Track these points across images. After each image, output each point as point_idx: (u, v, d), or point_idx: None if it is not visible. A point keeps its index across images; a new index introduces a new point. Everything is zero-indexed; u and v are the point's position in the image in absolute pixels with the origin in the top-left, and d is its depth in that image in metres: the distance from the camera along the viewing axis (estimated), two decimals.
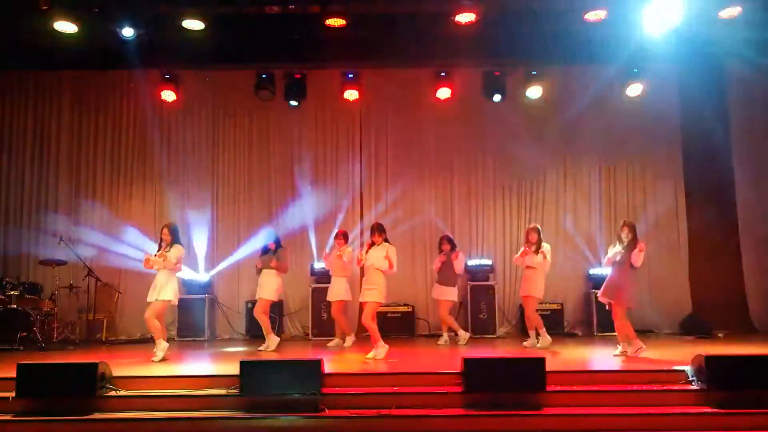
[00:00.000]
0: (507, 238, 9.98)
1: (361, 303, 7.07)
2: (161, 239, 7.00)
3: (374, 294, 6.80)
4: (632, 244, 6.80)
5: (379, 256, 6.87)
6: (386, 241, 7.04)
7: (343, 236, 8.30)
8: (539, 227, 7.93)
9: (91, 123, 9.99)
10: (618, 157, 10.05)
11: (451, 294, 8.36)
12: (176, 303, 7.16)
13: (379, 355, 6.70)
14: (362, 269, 7.37)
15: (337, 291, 8.17)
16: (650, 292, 9.45)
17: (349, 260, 8.10)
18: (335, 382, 5.35)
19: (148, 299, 6.79)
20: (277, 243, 8.00)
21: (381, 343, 6.79)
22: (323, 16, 7.96)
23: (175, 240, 6.94)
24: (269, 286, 7.81)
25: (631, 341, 6.76)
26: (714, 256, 9.75)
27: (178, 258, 6.85)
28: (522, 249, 7.86)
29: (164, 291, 6.74)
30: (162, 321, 6.93)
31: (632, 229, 6.91)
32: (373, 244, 6.99)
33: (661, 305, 9.57)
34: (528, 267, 7.80)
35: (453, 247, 8.52)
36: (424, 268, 9.77)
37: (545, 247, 7.75)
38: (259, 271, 7.96)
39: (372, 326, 6.80)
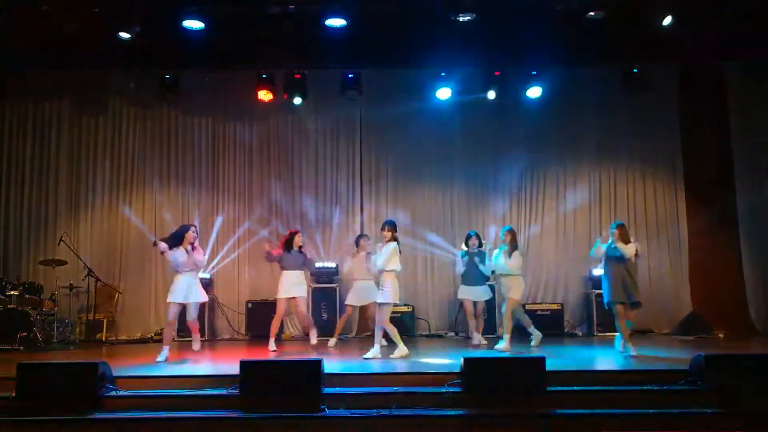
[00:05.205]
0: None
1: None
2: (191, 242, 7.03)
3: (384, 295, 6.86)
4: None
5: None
6: (395, 239, 6.95)
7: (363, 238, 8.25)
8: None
9: (91, 123, 9.96)
10: (618, 157, 10.03)
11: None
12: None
13: (401, 351, 6.81)
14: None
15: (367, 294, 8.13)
16: (650, 291, 9.42)
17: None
18: (335, 382, 5.36)
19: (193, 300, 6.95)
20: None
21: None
22: (323, 16, 7.96)
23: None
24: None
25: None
26: (714, 256, 9.74)
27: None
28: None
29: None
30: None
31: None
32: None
33: (661, 305, 9.55)
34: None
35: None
36: (425, 267, 9.77)
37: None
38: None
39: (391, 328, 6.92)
